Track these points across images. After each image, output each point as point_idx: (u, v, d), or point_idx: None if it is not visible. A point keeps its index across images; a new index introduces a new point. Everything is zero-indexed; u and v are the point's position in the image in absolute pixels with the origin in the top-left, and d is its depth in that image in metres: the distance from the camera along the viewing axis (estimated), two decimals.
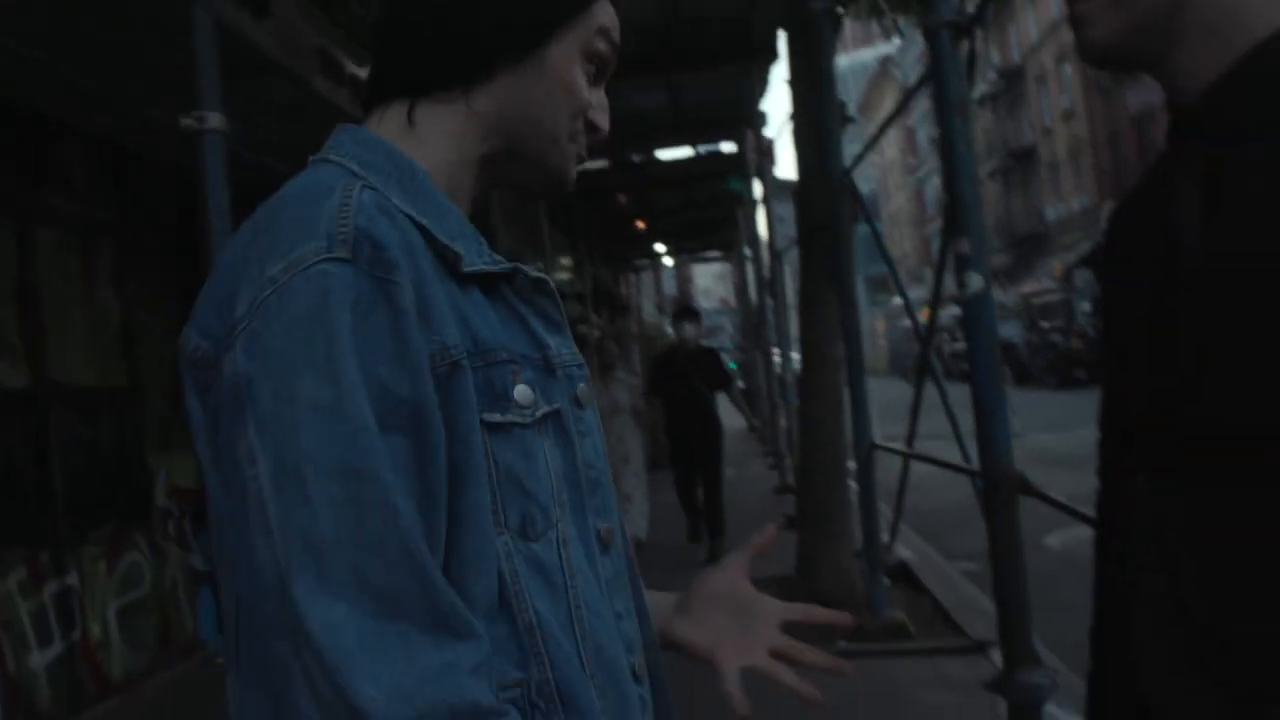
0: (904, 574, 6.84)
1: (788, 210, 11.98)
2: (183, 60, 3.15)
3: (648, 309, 28.70)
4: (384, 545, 0.82)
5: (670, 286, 40.67)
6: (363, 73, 5.62)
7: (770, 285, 12.23)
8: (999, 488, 3.18)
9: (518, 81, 1.01)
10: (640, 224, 17.73)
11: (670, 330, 8.82)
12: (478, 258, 0.97)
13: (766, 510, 10.07)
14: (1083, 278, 32.32)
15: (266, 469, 0.83)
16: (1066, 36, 34.53)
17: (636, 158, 13.92)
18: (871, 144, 5.43)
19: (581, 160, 1.08)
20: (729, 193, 14.47)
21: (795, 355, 12.40)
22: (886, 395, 10.82)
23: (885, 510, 6.07)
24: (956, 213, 3.17)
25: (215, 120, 3.20)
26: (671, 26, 8.79)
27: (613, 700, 0.96)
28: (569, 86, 1.03)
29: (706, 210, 16.88)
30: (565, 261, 16.25)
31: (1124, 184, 29.73)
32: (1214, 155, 0.94)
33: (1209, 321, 0.91)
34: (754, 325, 15.69)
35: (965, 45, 3.31)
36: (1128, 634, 1.06)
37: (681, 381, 8.39)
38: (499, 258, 0.99)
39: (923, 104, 51.24)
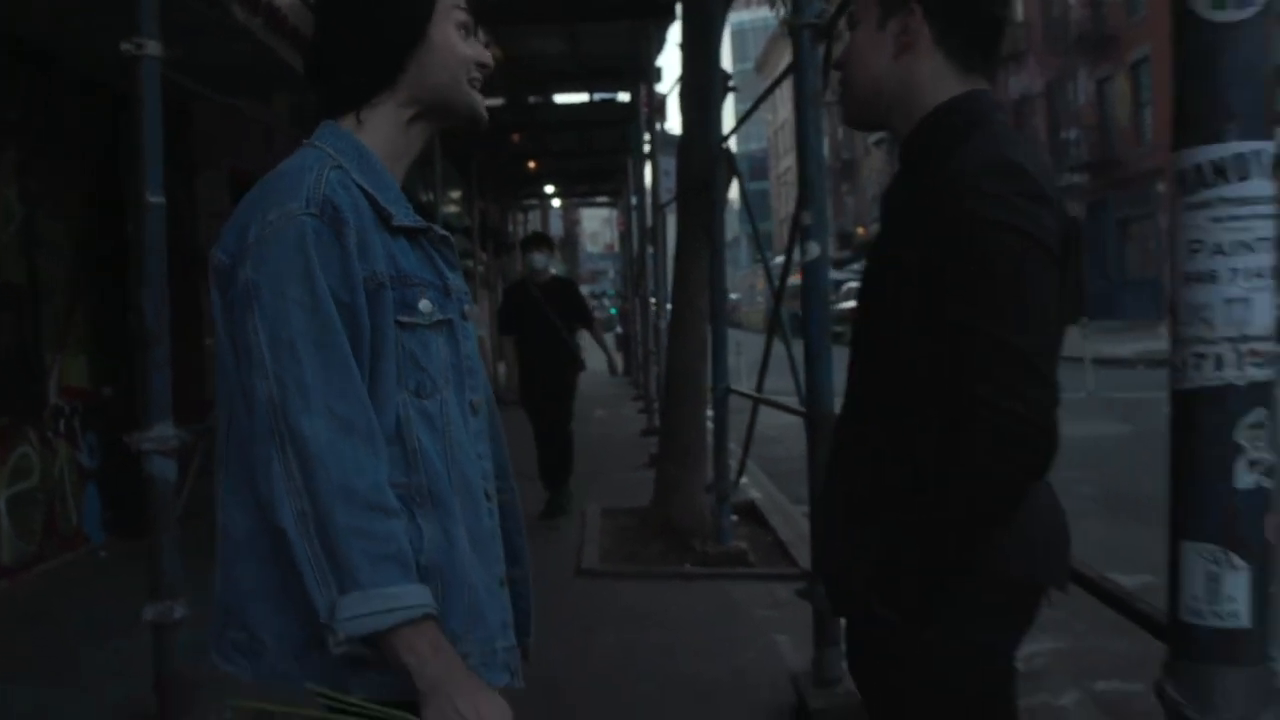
0: (751, 512, 7.50)
1: (673, 165, 12.47)
2: None
3: None
4: (343, 389, 1.38)
5: (558, 227, 40.65)
6: (278, 2, 5.87)
7: (652, 235, 12.69)
8: (819, 426, 3.76)
9: (418, 63, 1.54)
10: (532, 165, 18.00)
11: (539, 265, 7.93)
12: (405, 217, 1.50)
13: (633, 450, 10.67)
14: None
15: (265, 340, 1.38)
16: None
17: (533, 99, 14.21)
18: (745, 118, 5.94)
19: (479, 92, 1.61)
20: (630, 148, 14.82)
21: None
22: (760, 350, 11.45)
23: (737, 451, 6.67)
24: (803, 188, 3.72)
25: (153, 48, 3.50)
26: None
27: (468, 507, 1.51)
28: (451, 49, 1.55)
29: (598, 157, 17.27)
30: (454, 195, 16.47)
31: None
32: (897, 183, 1.51)
33: (868, 275, 1.50)
34: (635, 273, 16.15)
35: (823, 45, 3.83)
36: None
37: (535, 316, 7.77)
38: (419, 218, 1.54)
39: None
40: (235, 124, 7.29)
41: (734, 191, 6.41)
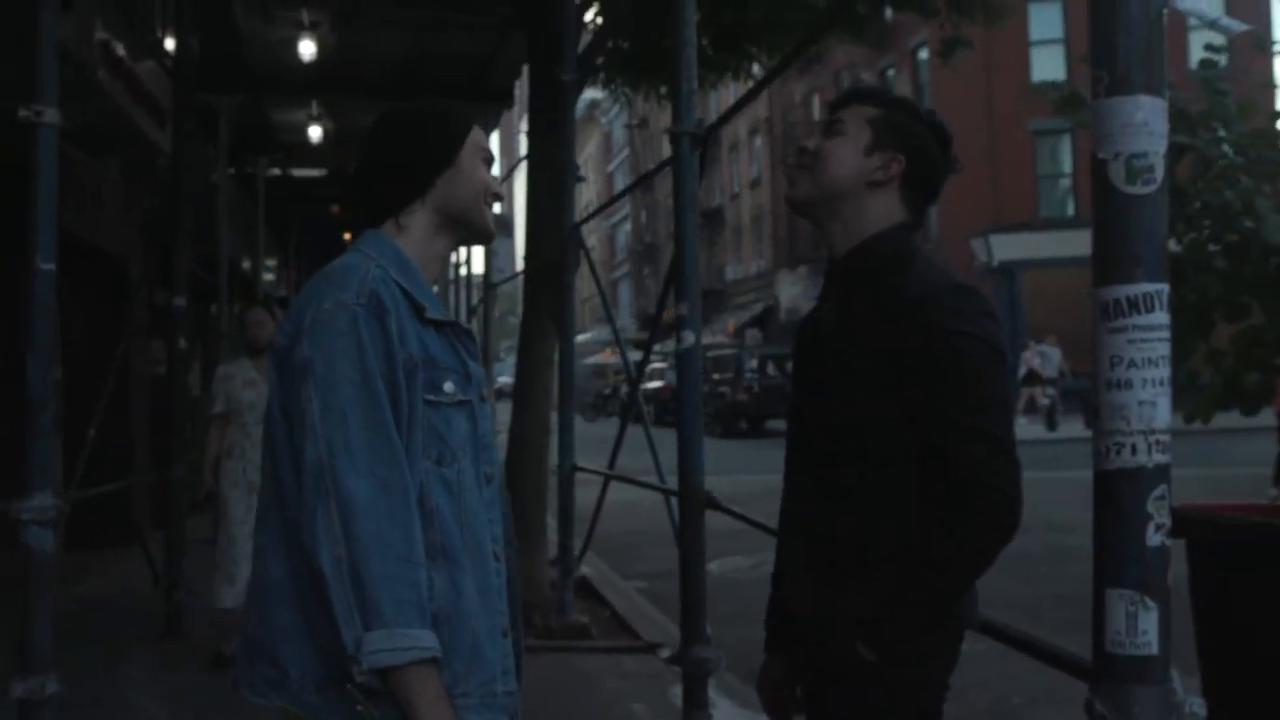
0: (585, 587, 7.69)
1: (502, 245, 12.75)
2: None
3: None
4: (385, 454, 1.61)
5: None
6: (139, 68, 5.85)
7: (483, 314, 12.88)
8: (692, 502, 4.06)
9: (448, 184, 1.82)
10: (348, 236, 17.92)
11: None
12: (435, 311, 1.77)
13: None
14: (753, 336, 35.14)
15: (318, 408, 1.61)
16: (760, 109, 37.66)
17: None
18: (605, 207, 6.26)
19: (491, 211, 1.91)
20: None
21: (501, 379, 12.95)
22: (579, 429, 11.69)
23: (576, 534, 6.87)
24: (681, 283, 4.05)
25: (51, 115, 3.53)
26: (415, 63, 9.38)
27: (478, 564, 1.74)
28: (474, 176, 1.84)
29: None
30: (271, 263, 16.19)
31: (798, 252, 32.72)
32: (845, 291, 1.83)
33: (831, 373, 1.80)
34: None
35: (699, 151, 4.21)
36: (782, 570, 1.93)
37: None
38: (448, 314, 1.82)
39: (622, 153, 53.66)
40: (67, 180, 7.10)
41: None
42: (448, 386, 1.72)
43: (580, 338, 43.27)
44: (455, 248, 1.91)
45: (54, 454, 6.01)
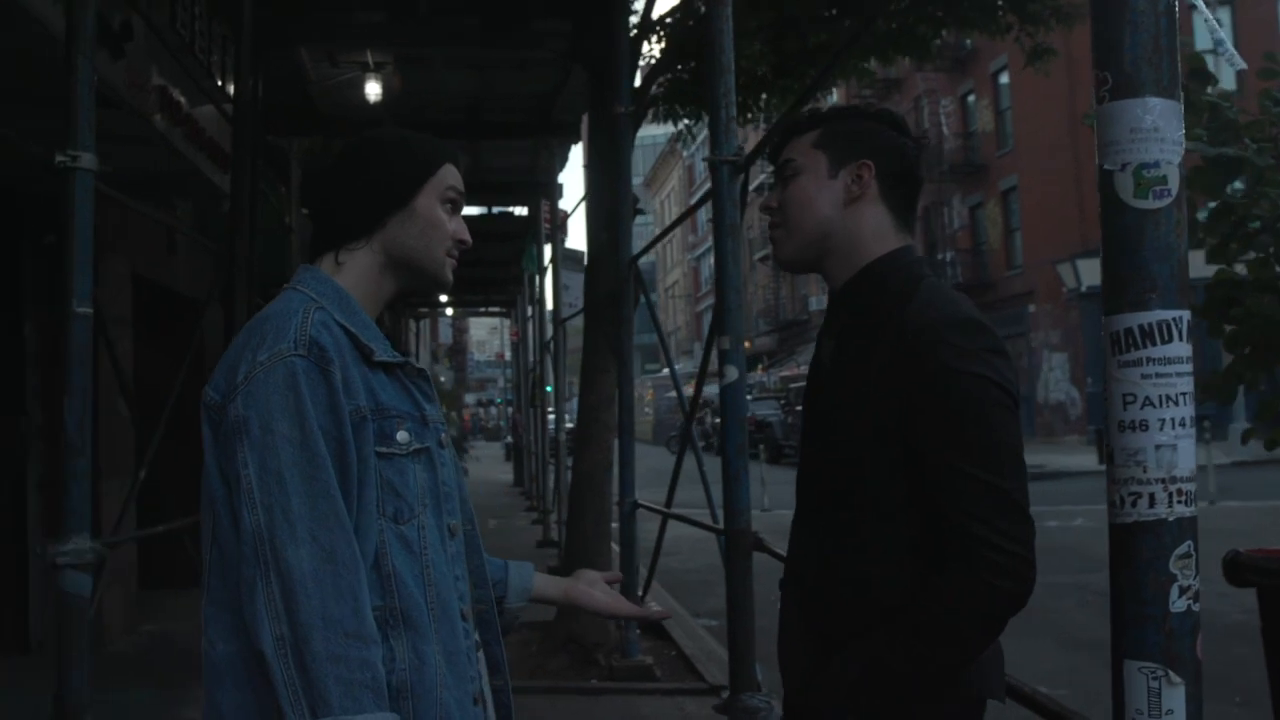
0: (654, 626, 7.53)
1: (573, 279, 12.69)
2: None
3: (423, 356, 28.74)
4: (327, 518, 1.47)
5: (446, 335, 40.47)
6: (198, 113, 5.94)
7: (554, 349, 12.83)
8: (737, 543, 3.89)
9: (399, 226, 1.68)
10: None
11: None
12: (384, 353, 1.62)
13: (530, 561, 10.58)
14: None
15: (254, 471, 1.47)
16: None
17: None
18: (655, 242, 6.17)
19: (454, 265, 1.76)
20: (524, 264, 15.01)
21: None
22: (648, 463, 11.62)
23: (640, 567, 6.73)
24: (722, 315, 3.91)
25: (88, 160, 3.53)
26: (481, 102, 9.42)
27: (445, 627, 1.59)
28: (433, 222, 1.70)
29: (493, 268, 17.45)
30: None
31: None
32: (844, 323, 1.67)
33: (829, 409, 1.64)
34: (530, 384, 16.22)
35: (741, 178, 4.07)
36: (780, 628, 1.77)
37: None
38: (396, 353, 1.66)
39: (704, 185, 53.67)
40: (139, 228, 7.25)
41: None
42: (400, 436, 1.58)
43: (663, 372, 43.35)
44: (407, 291, 1.76)
45: (114, 496, 6.11)
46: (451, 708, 1.55)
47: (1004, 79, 28.97)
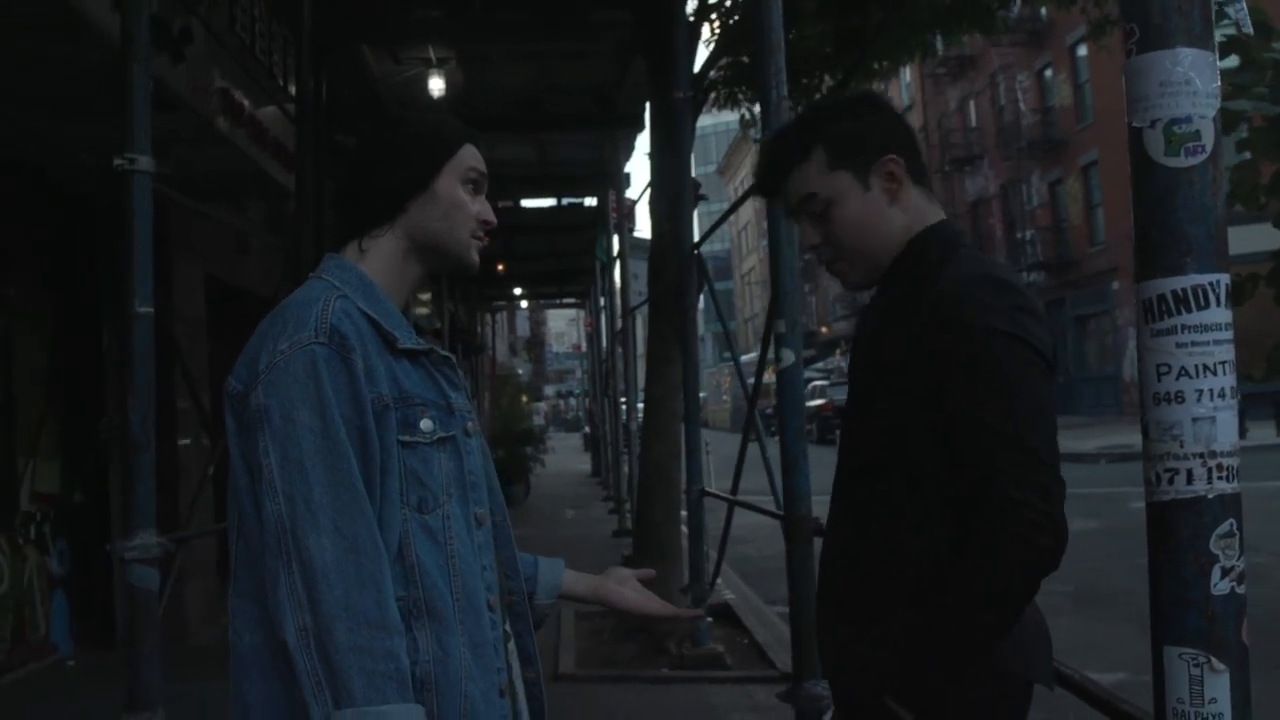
0: (726, 613, 7.49)
1: (642, 268, 12.68)
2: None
3: (501, 349, 29.02)
4: (349, 508, 1.45)
5: (524, 328, 40.77)
6: (261, 114, 6.02)
7: (622, 338, 12.83)
8: (798, 528, 3.83)
9: (421, 209, 1.66)
10: (500, 267, 18.22)
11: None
12: (407, 340, 1.59)
13: (606, 551, 10.63)
14: None
15: (276, 461, 1.46)
16: (915, 119, 36.78)
17: (502, 204, 14.46)
18: (719, 223, 6.11)
19: (481, 247, 1.72)
20: (595, 254, 15.02)
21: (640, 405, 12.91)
22: (728, 449, 11.51)
23: (711, 554, 6.70)
24: (777, 299, 3.84)
25: (145, 163, 3.60)
26: (542, 94, 9.43)
27: (471, 618, 1.57)
28: (455, 204, 1.66)
29: (565, 259, 17.51)
30: (424, 297, 16.59)
31: None
32: (888, 296, 1.68)
33: (871, 380, 1.60)
34: (604, 374, 16.25)
35: None
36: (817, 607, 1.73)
37: None
38: (420, 340, 1.64)
39: None
40: (210, 230, 7.39)
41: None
42: (424, 424, 1.55)
43: (744, 358, 43.21)
44: (431, 275, 1.74)
45: (187, 493, 6.25)
46: (476, 700, 1.53)
47: (1081, 51, 28.17)
